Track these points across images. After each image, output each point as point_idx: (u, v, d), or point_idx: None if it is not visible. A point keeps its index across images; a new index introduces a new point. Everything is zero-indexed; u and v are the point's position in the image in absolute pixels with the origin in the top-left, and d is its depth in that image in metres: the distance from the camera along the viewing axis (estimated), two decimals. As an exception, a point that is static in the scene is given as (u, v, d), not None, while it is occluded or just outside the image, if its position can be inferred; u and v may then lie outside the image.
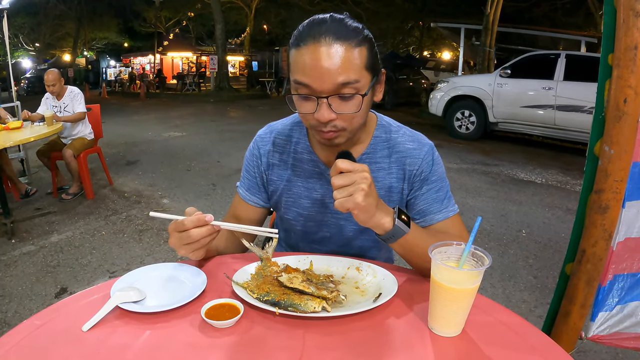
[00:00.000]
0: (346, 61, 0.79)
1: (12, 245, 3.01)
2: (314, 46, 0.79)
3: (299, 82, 0.81)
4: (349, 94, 0.81)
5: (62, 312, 0.76)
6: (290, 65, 0.85)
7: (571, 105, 6.21)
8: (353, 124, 0.86)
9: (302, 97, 0.83)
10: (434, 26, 12.50)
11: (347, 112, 0.83)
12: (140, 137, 7.44)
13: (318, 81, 0.79)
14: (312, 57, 0.79)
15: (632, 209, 1.08)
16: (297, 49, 0.81)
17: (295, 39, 0.83)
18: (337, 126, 0.84)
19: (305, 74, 0.80)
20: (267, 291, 0.78)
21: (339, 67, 0.79)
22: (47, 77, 3.82)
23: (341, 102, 0.82)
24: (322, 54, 0.78)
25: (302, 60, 0.80)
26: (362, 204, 0.75)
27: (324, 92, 0.80)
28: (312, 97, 0.81)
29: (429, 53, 24.59)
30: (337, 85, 0.79)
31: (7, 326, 2.10)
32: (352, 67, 0.80)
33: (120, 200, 4.04)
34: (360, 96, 0.82)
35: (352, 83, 0.80)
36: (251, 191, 1.09)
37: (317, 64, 0.78)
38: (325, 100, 0.81)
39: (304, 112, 0.85)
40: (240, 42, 25.34)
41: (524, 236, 3.33)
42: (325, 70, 0.78)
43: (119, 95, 17.92)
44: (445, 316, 0.70)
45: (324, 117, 0.81)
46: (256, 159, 1.07)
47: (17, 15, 19.85)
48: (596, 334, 1.18)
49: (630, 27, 0.96)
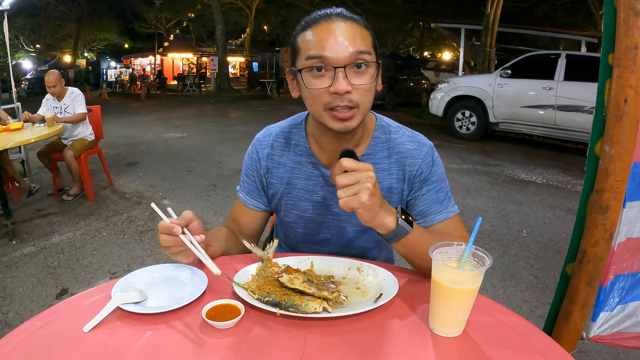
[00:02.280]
0: (360, 34, 0.83)
1: (13, 247, 3.01)
2: (327, 23, 0.83)
3: (313, 56, 0.83)
4: (365, 61, 0.83)
5: (63, 313, 0.76)
6: (299, 48, 0.86)
7: (571, 105, 6.20)
8: (366, 100, 0.86)
9: (316, 73, 0.84)
10: (434, 26, 12.51)
11: (363, 84, 0.84)
12: (140, 138, 7.44)
13: (335, 51, 0.81)
14: (327, 31, 0.82)
15: (633, 209, 1.08)
16: (308, 30, 0.84)
17: (303, 25, 0.86)
18: (353, 101, 0.84)
19: (321, 46, 0.82)
20: (268, 292, 0.78)
21: (354, 37, 0.82)
22: (48, 79, 3.82)
23: (356, 74, 0.83)
24: (337, 27, 0.82)
25: (317, 35, 0.83)
26: (367, 203, 0.75)
27: (340, 62, 0.82)
28: (328, 70, 0.82)
29: (429, 53, 24.60)
30: (353, 53, 0.82)
31: (8, 327, 2.10)
32: (365, 40, 0.84)
33: (121, 201, 4.05)
34: (375, 64, 0.85)
35: (366, 53, 0.83)
36: (252, 195, 1.08)
37: (333, 35, 0.82)
38: (342, 71, 0.82)
39: (318, 88, 0.84)
40: (240, 43, 25.37)
41: (525, 236, 3.33)
42: (341, 40, 0.81)
43: (120, 96, 17.93)
44: (446, 316, 0.70)
45: (342, 87, 0.81)
46: (255, 163, 1.07)
47: (17, 16, 19.88)
48: (597, 334, 1.18)
49: (630, 26, 0.96)
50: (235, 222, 1.11)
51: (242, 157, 1.13)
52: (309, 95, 0.86)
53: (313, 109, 0.88)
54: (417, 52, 24.16)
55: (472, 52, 11.71)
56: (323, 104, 0.85)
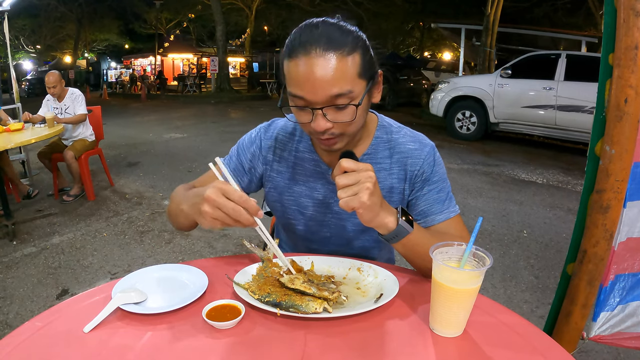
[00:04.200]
0: (338, 72, 0.78)
1: (14, 247, 3.01)
2: (305, 58, 0.78)
3: (294, 95, 0.82)
4: (342, 104, 0.81)
5: (63, 313, 0.76)
6: (284, 74, 0.85)
7: (572, 105, 6.20)
8: (350, 129, 0.87)
9: (298, 108, 0.85)
10: (434, 27, 12.50)
11: (342, 121, 0.84)
12: (141, 138, 7.45)
13: (311, 93, 0.80)
14: (305, 70, 0.79)
15: (633, 209, 1.08)
16: (289, 60, 0.81)
17: (287, 49, 0.83)
18: (335, 133, 0.86)
19: (298, 86, 0.81)
20: (268, 292, 0.78)
21: (331, 79, 0.78)
22: (48, 79, 3.82)
23: (336, 111, 0.83)
24: (314, 67, 0.78)
25: (295, 72, 0.80)
26: (367, 203, 0.75)
27: (318, 104, 0.81)
28: (308, 108, 0.82)
29: (429, 54, 24.59)
30: (330, 97, 0.80)
31: (9, 328, 2.10)
32: (345, 77, 0.79)
33: (122, 202, 4.05)
34: (354, 106, 0.83)
35: (345, 94, 0.80)
36: (235, 173, 1.07)
37: (310, 77, 0.78)
38: (320, 111, 0.82)
39: (301, 122, 0.87)
40: (240, 44, 25.34)
41: (525, 236, 3.33)
42: (317, 83, 0.79)
43: (120, 96, 17.93)
44: (446, 317, 0.70)
45: (320, 127, 0.83)
46: (256, 148, 1.06)
47: (18, 17, 19.87)
48: (598, 334, 1.18)
49: (630, 26, 0.96)
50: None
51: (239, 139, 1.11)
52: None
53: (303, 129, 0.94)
54: (417, 52, 24.16)
55: (472, 52, 11.70)
56: (308, 131, 0.90)
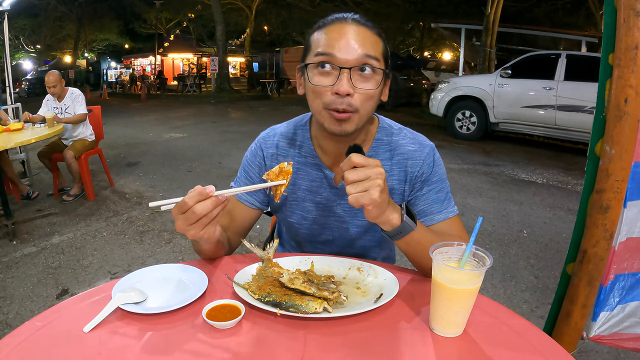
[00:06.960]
0: (371, 40, 0.85)
1: (14, 247, 3.01)
2: (341, 24, 0.85)
3: (321, 53, 0.84)
4: (370, 65, 0.83)
5: (63, 313, 0.76)
6: (310, 45, 0.87)
7: (572, 105, 6.20)
8: (366, 106, 0.86)
9: (322, 70, 0.84)
10: (434, 27, 12.51)
11: (365, 89, 0.84)
12: (141, 138, 7.44)
13: (343, 51, 0.82)
14: (339, 32, 0.83)
15: (633, 209, 1.08)
16: (322, 29, 0.86)
17: (318, 25, 0.88)
18: (352, 105, 0.84)
19: (331, 45, 0.83)
20: (268, 292, 0.78)
21: (364, 41, 0.83)
22: (48, 79, 3.82)
23: (361, 77, 0.84)
24: (350, 29, 0.84)
25: (328, 34, 0.84)
26: (378, 200, 0.74)
27: (346, 63, 0.82)
28: (334, 69, 0.83)
29: (429, 54, 24.59)
30: (361, 56, 0.82)
31: (9, 327, 2.10)
32: (375, 47, 0.85)
33: (122, 202, 4.05)
34: (381, 71, 0.85)
35: (375, 58, 0.84)
36: (249, 191, 1.07)
37: (345, 36, 0.83)
38: (347, 72, 0.82)
39: (321, 85, 0.84)
40: (240, 43, 25.32)
41: (525, 236, 3.33)
42: (351, 42, 0.82)
43: (120, 96, 17.93)
44: (446, 317, 0.70)
45: (344, 87, 0.82)
46: (260, 160, 1.06)
47: (17, 16, 19.86)
48: (598, 334, 1.18)
49: (630, 26, 0.96)
50: (226, 215, 1.06)
51: (242, 158, 1.12)
52: (311, 92, 0.87)
53: (314, 106, 0.88)
54: (417, 52, 24.15)
55: (472, 52, 11.71)
56: (323, 102, 0.85)
